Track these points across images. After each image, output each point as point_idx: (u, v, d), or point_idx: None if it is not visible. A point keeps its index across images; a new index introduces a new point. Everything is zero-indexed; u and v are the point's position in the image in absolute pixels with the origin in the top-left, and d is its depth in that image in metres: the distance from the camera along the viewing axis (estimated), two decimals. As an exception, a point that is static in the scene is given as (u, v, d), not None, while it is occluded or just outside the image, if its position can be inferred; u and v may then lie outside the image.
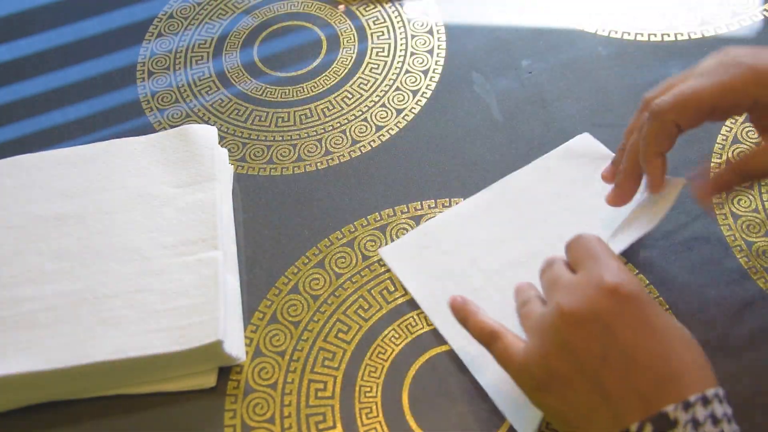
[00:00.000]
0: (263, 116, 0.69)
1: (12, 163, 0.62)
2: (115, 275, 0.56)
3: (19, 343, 0.53)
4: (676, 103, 0.48)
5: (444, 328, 0.54)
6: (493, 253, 0.57)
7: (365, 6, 0.77)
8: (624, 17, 0.72)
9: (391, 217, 0.61)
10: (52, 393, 0.53)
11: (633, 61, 0.68)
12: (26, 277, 0.56)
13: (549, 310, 0.44)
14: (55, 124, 0.71)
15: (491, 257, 0.57)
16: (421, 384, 0.53)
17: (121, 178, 0.61)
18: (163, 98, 0.71)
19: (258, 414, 0.52)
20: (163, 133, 0.63)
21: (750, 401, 0.49)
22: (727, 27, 0.70)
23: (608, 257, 0.44)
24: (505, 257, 0.57)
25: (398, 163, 0.64)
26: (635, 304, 0.42)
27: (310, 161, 0.65)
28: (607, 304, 0.41)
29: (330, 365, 0.54)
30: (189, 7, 0.79)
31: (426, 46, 0.73)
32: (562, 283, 0.45)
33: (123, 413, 0.53)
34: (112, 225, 0.58)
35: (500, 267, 0.56)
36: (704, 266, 0.56)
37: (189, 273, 0.55)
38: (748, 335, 0.52)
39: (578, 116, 0.65)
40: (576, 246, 0.47)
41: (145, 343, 0.52)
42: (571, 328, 0.42)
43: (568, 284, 0.44)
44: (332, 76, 0.71)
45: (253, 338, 0.56)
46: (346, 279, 0.58)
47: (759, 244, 0.56)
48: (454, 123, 0.66)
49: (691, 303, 0.54)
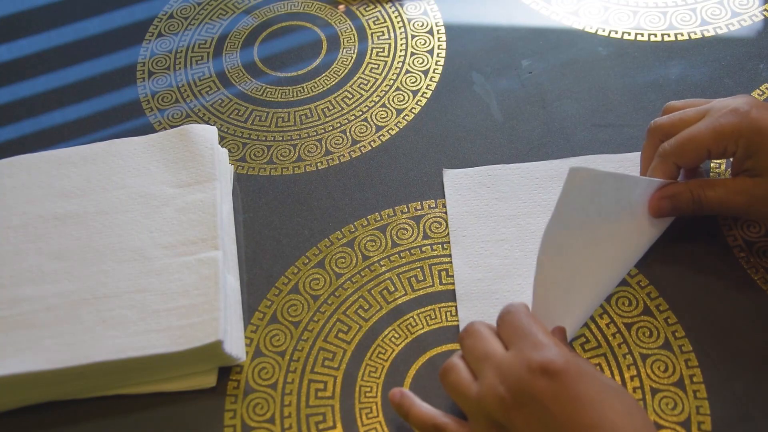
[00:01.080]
0: (263, 116, 0.69)
1: (12, 163, 0.62)
2: (115, 275, 0.56)
3: (19, 343, 0.53)
4: (677, 147, 0.53)
5: (458, 260, 0.57)
6: (533, 222, 0.59)
7: (365, 6, 0.77)
8: (624, 17, 0.72)
9: (391, 217, 0.61)
10: (52, 393, 0.53)
11: (633, 61, 0.68)
12: (26, 277, 0.56)
13: (486, 392, 0.44)
14: (55, 124, 0.71)
15: (532, 226, 0.59)
16: (421, 384, 0.53)
17: (121, 178, 0.61)
18: (163, 98, 0.71)
19: (258, 414, 0.52)
20: (163, 133, 0.63)
21: (750, 401, 0.49)
22: (727, 27, 0.70)
23: (536, 332, 0.46)
24: (538, 236, 0.56)
25: (398, 163, 0.64)
26: (566, 379, 0.43)
27: (310, 161, 0.65)
28: (541, 385, 0.43)
29: (330, 365, 0.54)
30: (189, 7, 0.79)
31: (426, 46, 0.73)
32: (495, 361, 0.46)
33: (123, 413, 0.53)
34: (112, 225, 0.58)
35: (533, 240, 0.58)
36: (704, 266, 0.56)
37: (189, 273, 0.55)
38: (748, 335, 0.52)
39: (578, 116, 0.65)
40: (505, 322, 0.48)
41: (145, 343, 0.52)
42: (513, 412, 0.43)
43: (500, 364, 0.45)
44: (332, 76, 0.71)
45: (253, 338, 0.56)
46: (346, 279, 0.58)
47: (759, 244, 0.56)
48: (454, 123, 0.66)
49: (691, 303, 0.54)
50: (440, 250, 0.59)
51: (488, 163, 0.63)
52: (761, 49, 0.68)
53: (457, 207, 0.60)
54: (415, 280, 0.57)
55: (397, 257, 0.59)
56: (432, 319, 0.55)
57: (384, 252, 0.59)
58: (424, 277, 0.58)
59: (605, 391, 0.43)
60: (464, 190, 0.61)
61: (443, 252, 0.59)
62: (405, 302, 0.56)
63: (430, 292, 0.57)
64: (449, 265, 0.58)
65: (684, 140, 0.53)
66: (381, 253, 0.59)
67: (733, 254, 0.56)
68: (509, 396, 0.43)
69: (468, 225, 0.59)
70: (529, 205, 0.60)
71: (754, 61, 0.67)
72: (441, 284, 0.57)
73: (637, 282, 0.55)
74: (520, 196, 0.60)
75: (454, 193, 0.61)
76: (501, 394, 0.43)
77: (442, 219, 0.60)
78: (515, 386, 0.43)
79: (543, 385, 0.43)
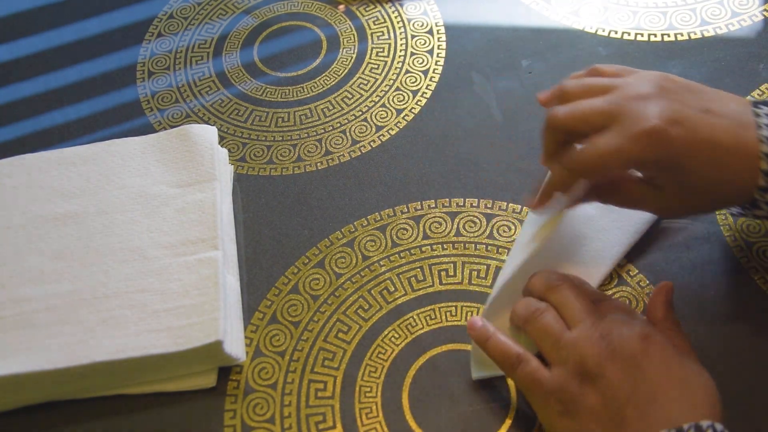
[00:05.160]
0: (263, 116, 0.69)
1: (12, 163, 0.62)
2: (115, 275, 0.56)
3: (19, 343, 0.53)
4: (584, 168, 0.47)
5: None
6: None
7: (365, 6, 0.77)
8: (624, 17, 0.72)
9: (391, 217, 0.61)
10: (52, 393, 0.53)
11: (633, 61, 0.68)
12: (26, 277, 0.56)
13: (585, 340, 0.46)
14: (55, 124, 0.71)
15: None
16: (421, 384, 0.53)
17: (120, 178, 0.61)
18: (163, 98, 0.71)
19: (258, 414, 0.52)
20: (163, 133, 0.63)
21: (750, 401, 0.49)
22: (727, 27, 0.70)
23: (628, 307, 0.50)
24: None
25: (398, 163, 0.64)
26: (663, 351, 0.45)
27: (310, 161, 0.65)
28: (640, 346, 0.45)
29: (330, 365, 0.54)
30: (189, 7, 0.79)
31: (426, 46, 0.73)
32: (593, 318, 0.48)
33: (123, 413, 0.53)
34: (112, 225, 0.58)
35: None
36: (704, 266, 0.56)
37: (189, 273, 0.55)
38: (748, 335, 0.52)
39: (578, 116, 0.65)
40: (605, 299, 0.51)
41: (145, 343, 0.52)
42: (608, 362, 0.45)
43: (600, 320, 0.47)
44: (332, 76, 0.71)
45: (253, 338, 0.56)
46: (346, 279, 0.58)
47: (759, 244, 0.56)
48: (454, 123, 0.66)
49: (691, 303, 0.54)
50: (440, 250, 0.59)
51: (488, 162, 0.63)
52: (761, 49, 0.68)
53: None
54: (415, 280, 0.57)
55: (397, 257, 0.59)
56: (432, 319, 0.55)
57: (384, 252, 0.59)
58: (424, 277, 0.58)
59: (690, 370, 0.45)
60: None
61: (443, 252, 0.59)
62: (405, 302, 0.56)
63: (430, 292, 0.57)
64: (449, 265, 0.58)
65: (592, 163, 0.46)
66: (381, 253, 0.59)
67: (733, 254, 0.56)
68: (608, 348, 0.45)
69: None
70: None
71: (753, 61, 0.67)
72: (441, 284, 0.57)
73: (638, 282, 0.55)
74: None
75: None
76: (600, 344, 0.45)
77: (441, 219, 0.60)
78: (616, 341, 0.45)
79: (643, 349, 0.44)
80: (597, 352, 0.45)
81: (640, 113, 0.45)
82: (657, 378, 0.43)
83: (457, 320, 0.55)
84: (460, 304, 0.56)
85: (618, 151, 0.45)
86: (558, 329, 0.48)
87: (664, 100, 0.46)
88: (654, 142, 0.45)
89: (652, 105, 0.46)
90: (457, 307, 0.56)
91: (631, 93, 0.47)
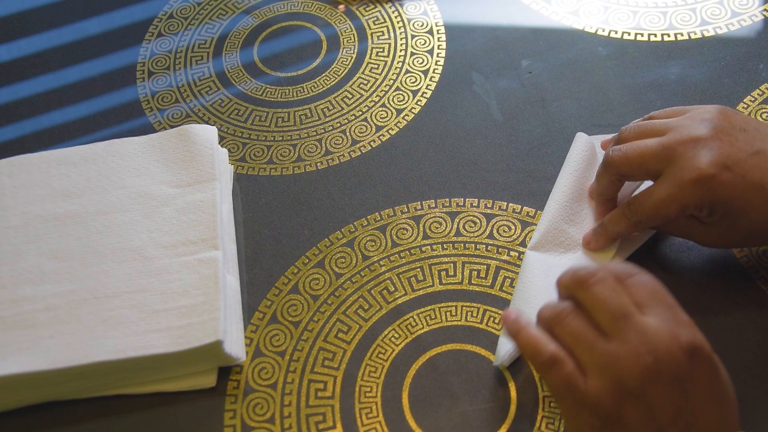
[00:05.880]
0: (263, 116, 0.69)
1: (12, 163, 0.62)
2: (115, 275, 0.56)
3: (19, 343, 0.53)
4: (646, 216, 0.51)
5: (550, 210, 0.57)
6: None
7: (365, 6, 0.77)
8: (624, 17, 0.72)
9: (391, 217, 0.61)
10: (52, 393, 0.53)
11: (633, 61, 0.68)
12: (26, 277, 0.56)
13: (628, 356, 0.42)
14: (55, 124, 0.71)
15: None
16: (421, 384, 0.53)
17: (120, 178, 0.61)
18: (163, 98, 0.71)
19: (258, 414, 0.52)
20: (163, 133, 0.63)
21: (750, 401, 0.49)
22: (727, 27, 0.70)
23: (677, 305, 0.44)
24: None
25: (398, 163, 0.64)
26: (709, 368, 0.42)
27: (310, 161, 0.66)
28: (687, 367, 0.41)
29: (330, 365, 0.54)
30: (189, 7, 0.79)
31: (426, 46, 0.73)
32: (638, 326, 0.42)
33: (123, 413, 0.53)
34: (112, 225, 0.58)
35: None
36: (704, 266, 0.56)
37: (189, 273, 0.55)
38: (748, 335, 0.52)
39: (578, 116, 0.65)
40: (638, 282, 0.45)
41: (145, 343, 0.52)
42: (652, 384, 0.41)
43: (645, 330, 0.42)
44: (332, 76, 0.71)
45: (253, 338, 0.56)
46: (346, 279, 0.58)
47: (759, 244, 0.56)
48: (454, 123, 0.66)
49: (691, 303, 0.54)
50: (440, 250, 0.59)
51: (488, 162, 0.63)
52: (761, 49, 0.68)
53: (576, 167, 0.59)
54: (415, 280, 0.57)
55: (397, 257, 0.59)
56: (432, 319, 0.55)
57: (384, 252, 0.59)
58: (424, 277, 0.58)
59: (728, 388, 0.43)
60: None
61: (443, 252, 0.59)
62: (405, 302, 0.56)
63: (430, 292, 0.57)
64: (449, 265, 0.58)
65: (651, 214, 0.51)
66: (381, 253, 0.59)
67: (733, 254, 0.56)
68: (654, 368, 0.41)
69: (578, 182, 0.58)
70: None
71: (754, 61, 0.67)
72: (441, 284, 0.57)
73: (637, 282, 0.55)
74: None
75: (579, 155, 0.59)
76: (647, 362, 0.41)
77: (442, 219, 0.60)
78: (664, 360, 0.41)
79: (689, 368, 0.41)
80: (639, 371, 0.41)
81: (691, 159, 0.48)
82: (701, 402, 0.41)
83: (457, 320, 0.55)
84: (460, 304, 0.56)
85: (672, 200, 0.49)
86: (590, 336, 0.43)
87: (716, 142, 0.48)
88: (705, 188, 0.47)
89: (704, 150, 0.48)
90: (457, 307, 0.56)
91: (684, 136, 0.49)
